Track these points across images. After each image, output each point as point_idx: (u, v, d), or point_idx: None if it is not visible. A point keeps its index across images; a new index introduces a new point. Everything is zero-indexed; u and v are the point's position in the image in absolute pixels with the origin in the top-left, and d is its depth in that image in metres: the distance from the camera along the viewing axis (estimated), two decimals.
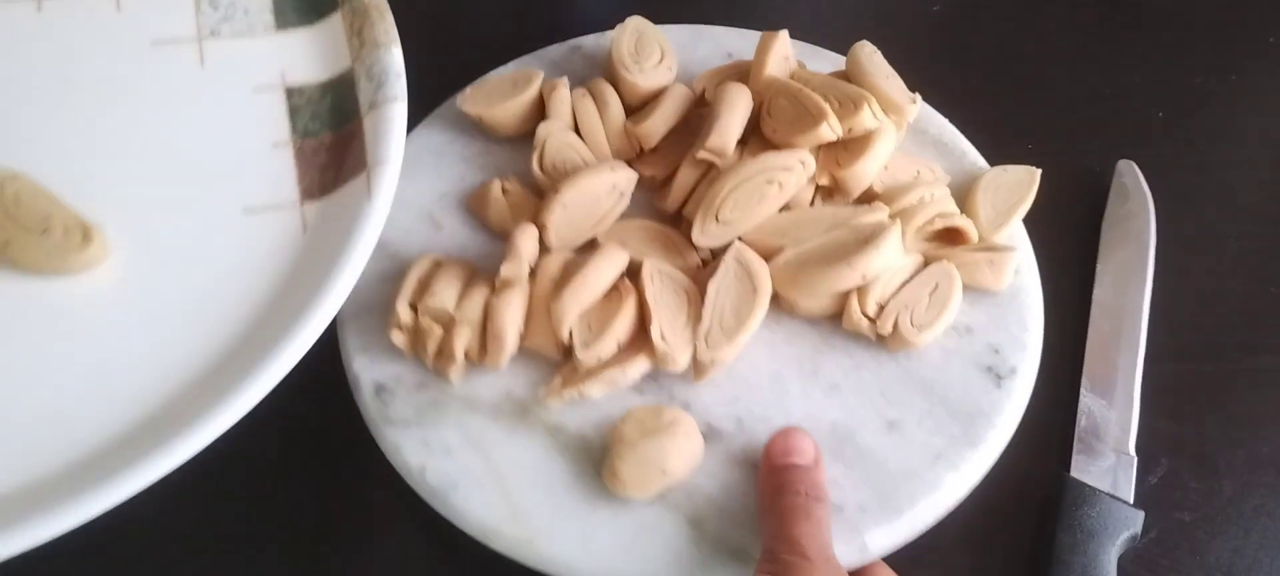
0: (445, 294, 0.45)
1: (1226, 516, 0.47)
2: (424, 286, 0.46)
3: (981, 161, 0.53)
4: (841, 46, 0.54)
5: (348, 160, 0.46)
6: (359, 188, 0.44)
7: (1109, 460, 0.47)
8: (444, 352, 0.44)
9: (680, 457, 0.42)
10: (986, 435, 0.44)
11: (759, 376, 0.45)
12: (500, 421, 0.44)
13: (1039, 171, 0.51)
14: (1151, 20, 0.60)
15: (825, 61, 0.57)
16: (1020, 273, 0.49)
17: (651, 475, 0.41)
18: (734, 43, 0.58)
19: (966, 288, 0.48)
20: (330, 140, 0.47)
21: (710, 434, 0.44)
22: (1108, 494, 0.45)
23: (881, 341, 0.46)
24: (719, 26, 0.59)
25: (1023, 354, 0.46)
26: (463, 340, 0.44)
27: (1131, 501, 0.45)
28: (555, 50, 0.58)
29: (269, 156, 0.47)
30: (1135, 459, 0.46)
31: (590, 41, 0.58)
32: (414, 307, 0.45)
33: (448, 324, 0.44)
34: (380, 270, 0.48)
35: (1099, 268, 0.52)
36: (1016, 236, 0.51)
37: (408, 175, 0.48)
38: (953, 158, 0.53)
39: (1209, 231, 0.56)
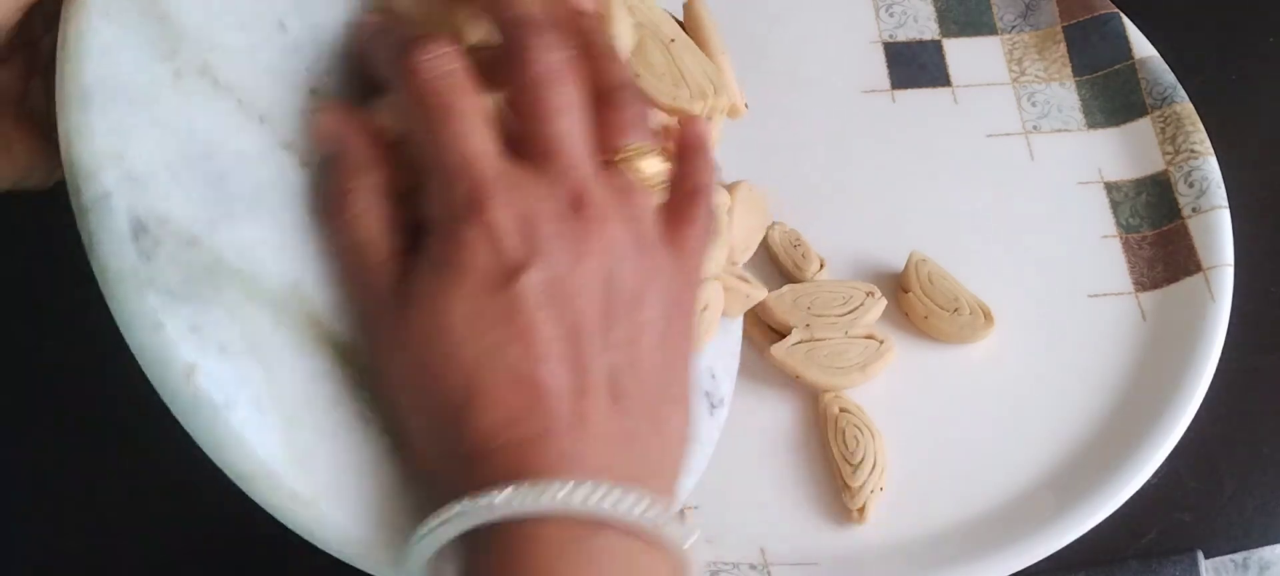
0: None
1: (1226, 516, 0.47)
2: None
3: None
4: None
5: (1176, 257, 0.52)
6: (1196, 286, 0.51)
7: None
8: None
9: None
10: (697, 463, 0.41)
11: None
12: (286, 327, 0.31)
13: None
14: (1149, 21, 0.59)
15: None
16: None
17: None
18: None
19: None
20: (1152, 237, 0.53)
21: None
22: None
23: None
24: None
25: (729, 384, 0.44)
26: None
27: None
28: None
29: (1100, 247, 0.53)
30: None
31: None
32: None
33: None
34: (150, 39, 0.31)
35: None
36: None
37: None
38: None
39: None
